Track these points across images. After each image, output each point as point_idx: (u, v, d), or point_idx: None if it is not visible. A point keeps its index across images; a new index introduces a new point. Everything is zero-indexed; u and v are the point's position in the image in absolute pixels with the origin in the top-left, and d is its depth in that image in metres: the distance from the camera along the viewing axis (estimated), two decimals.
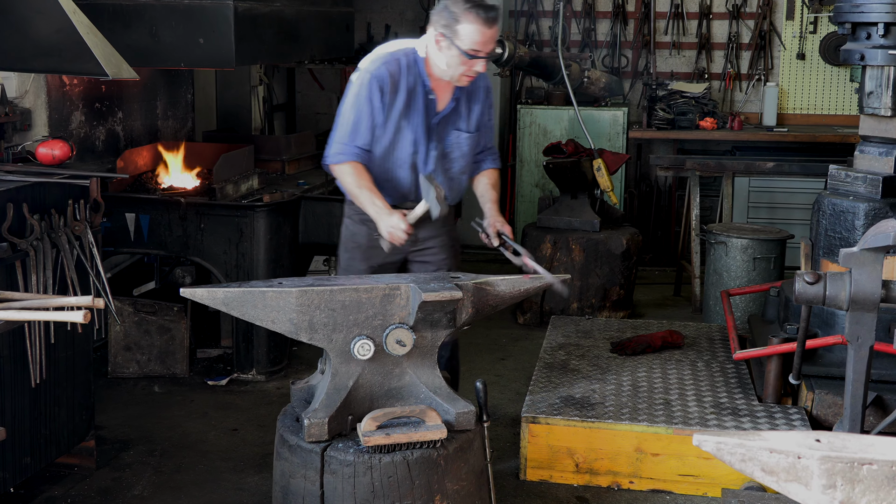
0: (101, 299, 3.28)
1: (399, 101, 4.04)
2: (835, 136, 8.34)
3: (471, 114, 4.22)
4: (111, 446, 4.85)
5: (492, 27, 3.91)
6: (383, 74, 4.01)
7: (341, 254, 4.34)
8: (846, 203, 4.84)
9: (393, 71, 4.02)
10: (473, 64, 3.96)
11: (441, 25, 3.93)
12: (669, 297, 7.80)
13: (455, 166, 4.26)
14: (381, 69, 4.02)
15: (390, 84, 4.01)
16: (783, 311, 5.16)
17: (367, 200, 4.02)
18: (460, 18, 3.88)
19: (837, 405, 4.48)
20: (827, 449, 2.06)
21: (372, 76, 4.01)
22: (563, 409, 4.53)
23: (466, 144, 4.24)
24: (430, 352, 3.57)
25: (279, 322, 3.42)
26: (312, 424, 3.39)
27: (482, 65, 3.98)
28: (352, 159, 4.06)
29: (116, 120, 6.16)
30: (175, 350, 5.82)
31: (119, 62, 4.17)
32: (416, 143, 4.12)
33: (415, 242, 4.21)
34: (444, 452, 3.40)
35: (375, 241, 4.16)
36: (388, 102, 4.03)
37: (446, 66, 3.98)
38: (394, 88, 4.02)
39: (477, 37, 3.89)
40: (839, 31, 5.00)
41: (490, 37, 3.92)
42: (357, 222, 4.24)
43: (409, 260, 4.31)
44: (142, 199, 5.73)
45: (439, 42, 3.95)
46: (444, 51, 3.96)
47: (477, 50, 3.91)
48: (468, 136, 4.23)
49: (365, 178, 4.04)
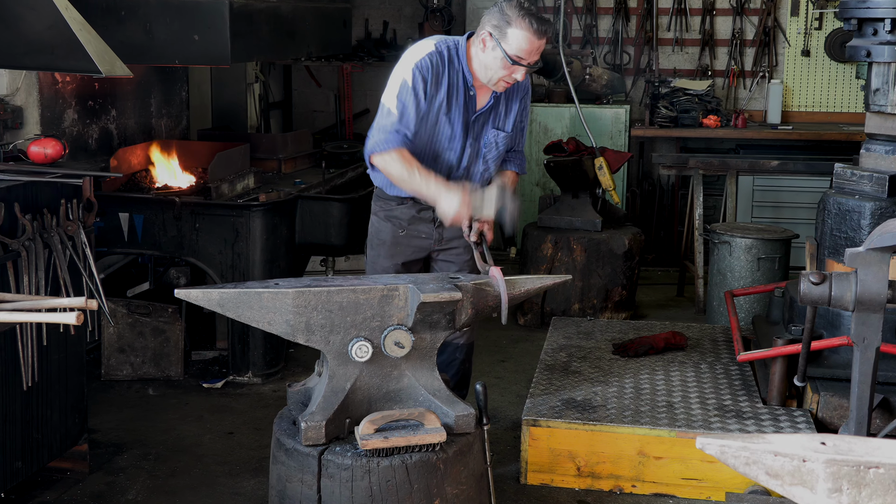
0: (95, 300, 3.28)
1: (441, 94, 4.07)
2: (840, 133, 8.34)
3: (509, 113, 4.26)
4: (104, 450, 4.85)
5: (541, 39, 3.96)
6: (427, 65, 4.03)
7: (368, 250, 4.40)
8: (852, 202, 4.84)
9: (436, 63, 4.05)
10: (514, 70, 4.00)
11: (492, 25, 3.97)
12: (672, 298, 7.80)
13: (490, 167, 4.29)
14: (425, 60, 4.04)
15: (433, 76, 4.04)
16: (788, 312, 5.16)
17: (421, 183, 4.00)
18: (512, 23, 3.93)
19: (843, 408, 4.48)
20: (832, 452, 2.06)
21: (416, 66, 4.03)
22: (565, 412, 4.53)
23: (503, 144, 4.28)
24: (429, 353, 3.57)
25: (275, 324, 3.41)
26: (309, 427, 3.39)
27: (522, 73, 4.02)
28: (398, 146, 4.03)
29: (110, 118, 6.16)
30: (169, 352, 5.82)
31: (112, 59, 4.17)
32: (453, 139, 4.15)
33: (440, 241, 4.28)
34: (444, 456, 3.40)
35: (401, 237, 4.23)
36: (430, 94, 4.05)
37: (487, 67, 4.02)
38: (436, 80, 4.05)
39: (525, 44, 3.93)
40: (845, 27, 5.00)
41: (537, 48, 3.97)
42: (382, 219, 4.30)
43: (432, 258, 4.36)
44: (136, 199, 5.73)
45: (486, 42, 3.99)
46: (488, 51, 4.00)
47: (521, 57, 3.96)
48: (505, 136, 4.27)
49: (413, 163, 4.02)
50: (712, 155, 8.16)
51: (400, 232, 4.24)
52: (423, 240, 4.30)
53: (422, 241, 4.30)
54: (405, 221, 4.27)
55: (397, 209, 4.27)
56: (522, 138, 4.43)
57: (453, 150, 4.16)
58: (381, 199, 4.32)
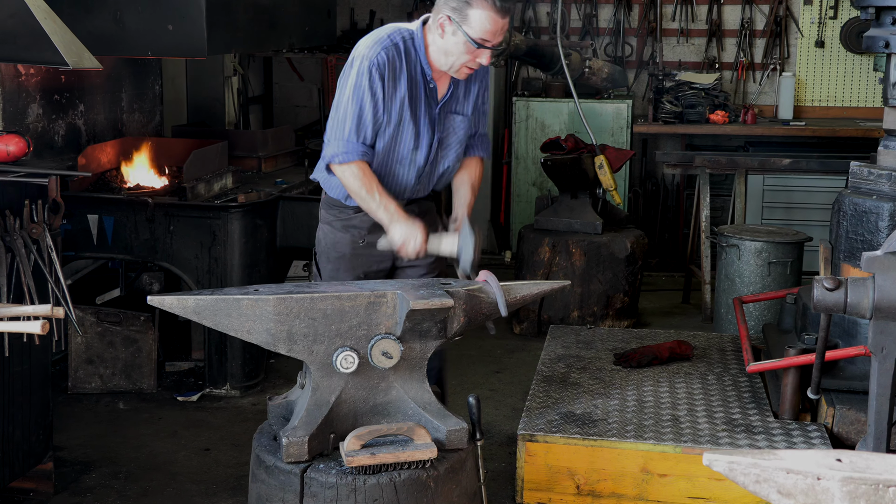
0: (61, 308, 3.27)
1: (401, 91, 4.00)
2: (857, 129, 8.37)
3: (469, 95, 4.20)
4: (71, 469, 4.83)
5: (505, 17, 3.89)
6: (384, 62, 3.96)
7: (323, 265, 4.28)
8: (869, 203, 4.85)
9: (393, 58, 3.98)
10: (479, 55, 3.94)
11: (450, 8, 3.89)
12: (677, 305, 7.81)
13: (451, 153, 4.23)
14: (380, 55, 3.96)
15: (390, 72, 3.97)
16: (801, 319, 5.17)
17: (378, 205, 3.98)
18: (472, 3, 3.85)
19: (860, 422, 4.49)
20: (849, 469, 2.06)
21: (371, 63, 3.96)
22: (563, 427, 4.53)
23: (462, 128, 4.21)
24: (419, 364, 3.57)
25: (255, 332, 3.41)
26: (291, 443, 3.38)
27: (487, 57, 3.96)
28: (358, 159, 3.99)
29: (77, 113, 6.15)
30: (142, 363, 5.81)
31: (80, 50, 4.16)
32: (419, 136, 4.09)
33: None
34: (435, 473, 3.40)
35: (360, 248, 4.15)
36: (389, 92, 3.99)
37: (448, 54, 3.95)
38: (394, 77, 3.98)
39: (489, 24, 3.87)
40: (862, 15, 5.01)
41: (501, 27, 3.90)
42: (339, 229, 4.20)
43: (396, 267, 4.30)
44: (105, 200, 5.72)
45: (444, 27, 3.92)
46: (448, 37, 3.93)
47: (486, 39, 3.89)
48: (463, 119, 4.20)
49: (374, 181, 4.00)
50: (720, 153, 8.17)
51: (360, 242, 4.14)
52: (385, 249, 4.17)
53: (384, 250, 4.16)
54: (365, 231, 4.17)
55: (356, 217, 4.16)
56: (484, 120, 4.37)
57: (420, 148, 4.10)
58: (337, 207, 4.20)
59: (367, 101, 3.96)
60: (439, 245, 3.99)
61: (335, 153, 4.01)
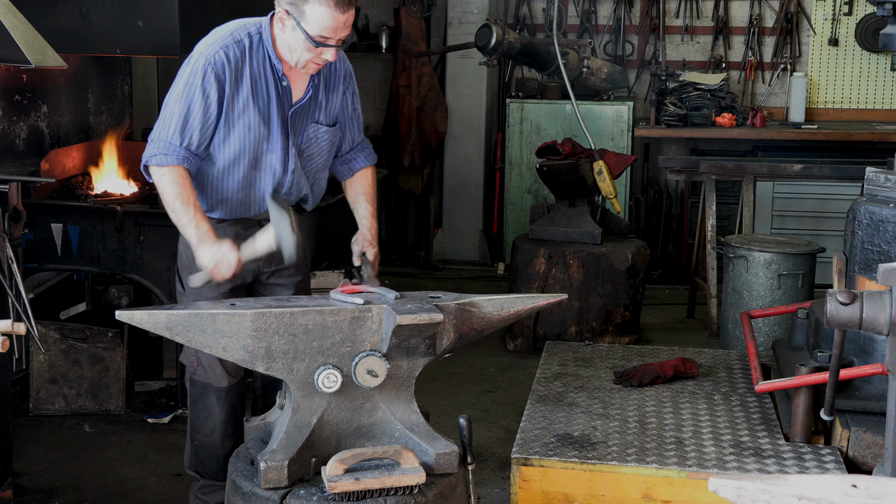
0: (22, 324, 3.27)
1: (244, 91, 3.96)
2: (873, 133, 8.40)
3: (328, 103, 4.16)
4: (32, 497, 4.82)
5: (345, 12, 3.82)
6: (221, 61, 3.91)
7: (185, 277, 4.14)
8: (886, 211, 4.86)
9: (233, 56, 3.93)
10: (322, 52, 3.89)
11: (286, 2, 3.85)
12: (682, 320, 7.82)
13: (312, 164, 4.19)
14: (218, 54, 3.92)
15: (231, 72, 3.92)
16: (813, 336, 5.18)
17: (188, 220, 3.88)
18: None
19: (877, 445, 4.50)
20: (865, 496, 2.07)
21: (207, 62, 3.91)
22: (560, 450, 4.53)
23: (325, 140, 4.17)
24: (407, 383, 3.57)
25: (231, 349, 3.40)
26: (270, 468, 3.38)
27: (332, 53, 3.90)
28: (177, 163, 3.90)
29: (40, 115, 6.14)
30: (109, 383, 5.80)
31: (43, 48, 4.16)
32: (271, 139, 4.03)
33: (269, 262, 4.13)
34: (423, 500, 3.40)
35: None
36: (229, 95, 3.93)
37: (291, 49, 3.91)
38: (236, 78, 3.94)
39: (327, 22, 3.80)
40: (878, 12, 5.03)
41: (343, 23, 3.84)
42: None
43: (260, 282, 4.24)
44: (71, 207, 5.71)
45: (284, 21, 3.89)
46: (288, 32, 3.89)
47: (326, 37, 3.83)
48: (326, 131, 4.16)
49: (189, 192, 3.90)
50: (727, 158, 8.20)
51: None
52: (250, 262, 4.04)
53: (249, 263, 4.03)
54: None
55: (217, 228, 4.05)
56: (359, 127, 4.33)
57: (274, 153, 4.04)
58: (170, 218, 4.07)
59: (196, 101, 3.92)
60: (255, 246, 3.88)
61: (154, 153, 3.92)
